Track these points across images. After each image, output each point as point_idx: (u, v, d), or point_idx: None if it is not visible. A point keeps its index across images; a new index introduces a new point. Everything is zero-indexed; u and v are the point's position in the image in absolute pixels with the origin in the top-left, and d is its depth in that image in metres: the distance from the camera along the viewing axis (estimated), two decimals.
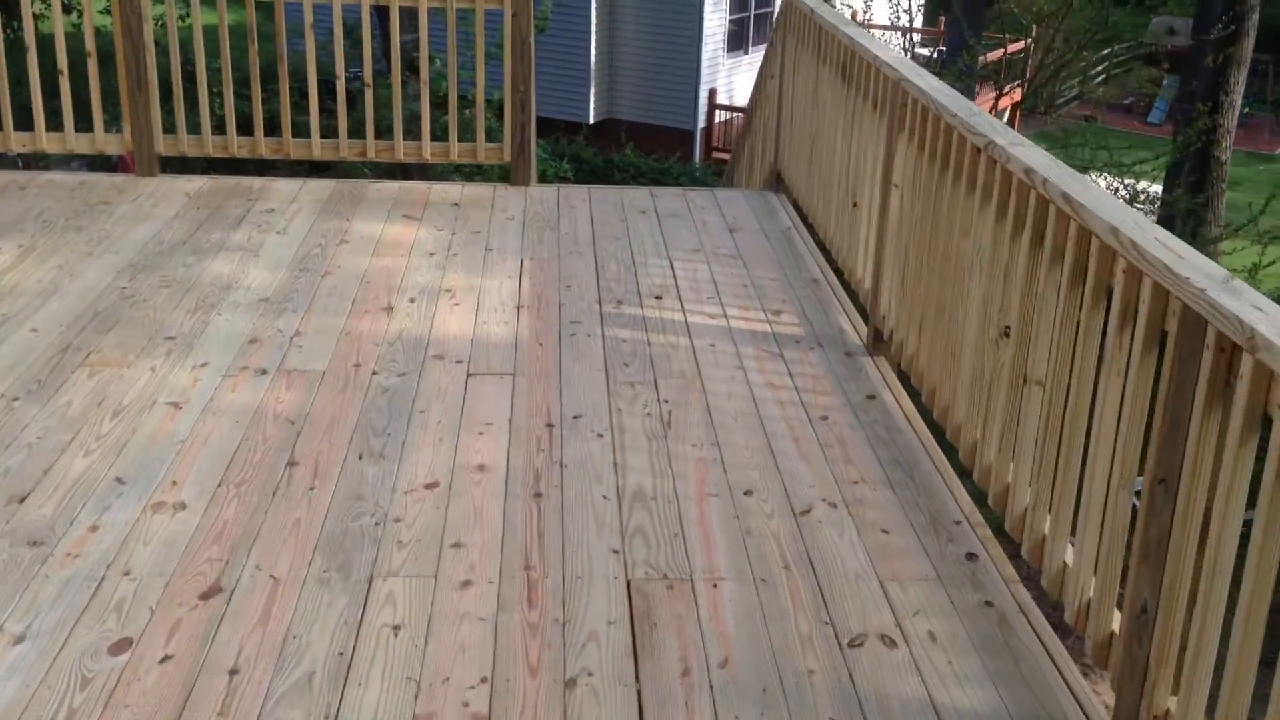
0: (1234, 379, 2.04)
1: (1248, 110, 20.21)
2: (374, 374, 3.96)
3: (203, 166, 7.70)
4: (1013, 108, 17.49)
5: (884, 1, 19.20)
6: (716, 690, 2.58)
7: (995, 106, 15.89)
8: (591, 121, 19.23)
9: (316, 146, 5.98)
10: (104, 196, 5.60)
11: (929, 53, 18.89)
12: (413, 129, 6.13)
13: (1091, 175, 11.15)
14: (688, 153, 18.99)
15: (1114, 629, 2.48)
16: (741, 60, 20.46)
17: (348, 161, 6.07)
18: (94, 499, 3.18)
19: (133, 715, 2.43)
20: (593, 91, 19.37)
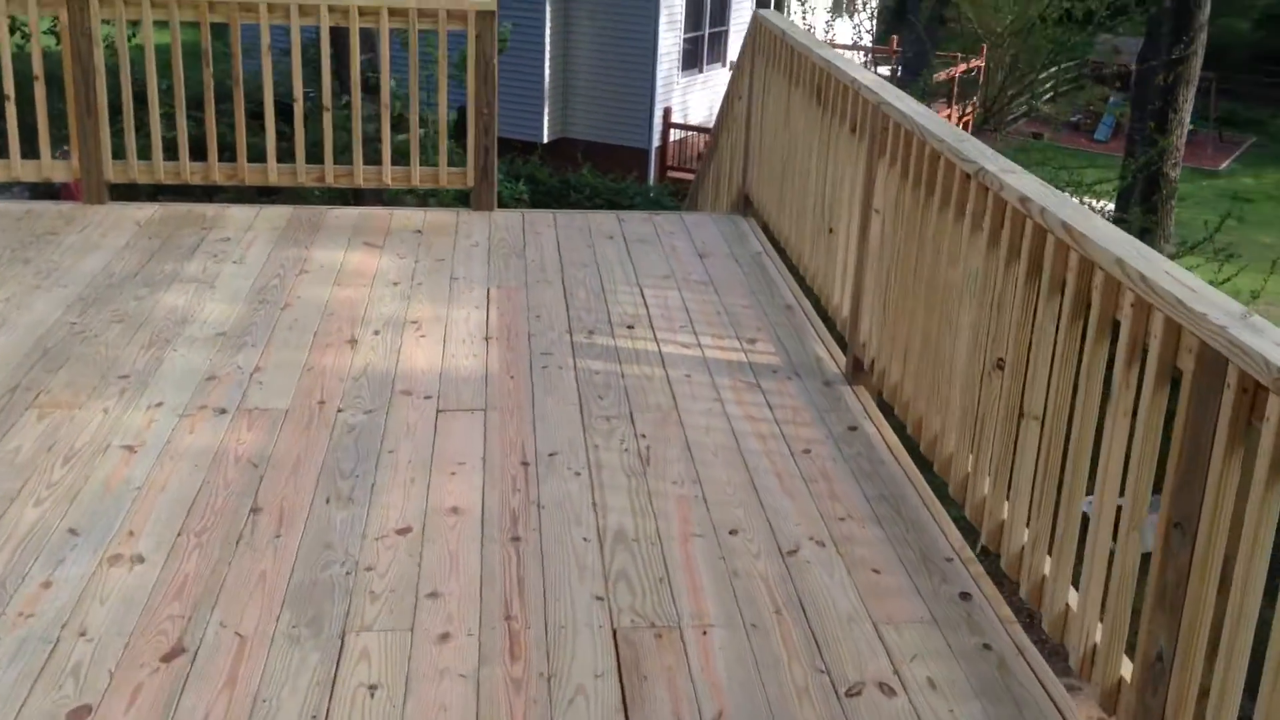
0: (1257, 420, 1.95)
1: (1192, 127, 20.48)
2: (339, 411, 3.81)
3: (150, 193, 7.47)
4: (961, 126, 17.59)
5: (836, 21, 19.26)
6: None
7: (956, 124, 15.97)
8: (545, 141, 19.10)
9: (273, 172, 5.81)
10: (51, 226, 5.40)
11: (887, 72, 18.98)
12: (372, 153, 5.98)
13: None
14: (643, 172, 18.90)
15: (1123, 675, 2.39)
16: (696, 79, 20.44)
17: (305, 188, 5.91)
18: (46, 552, 3.01)
19: None
20: (547, 111, 19.26)
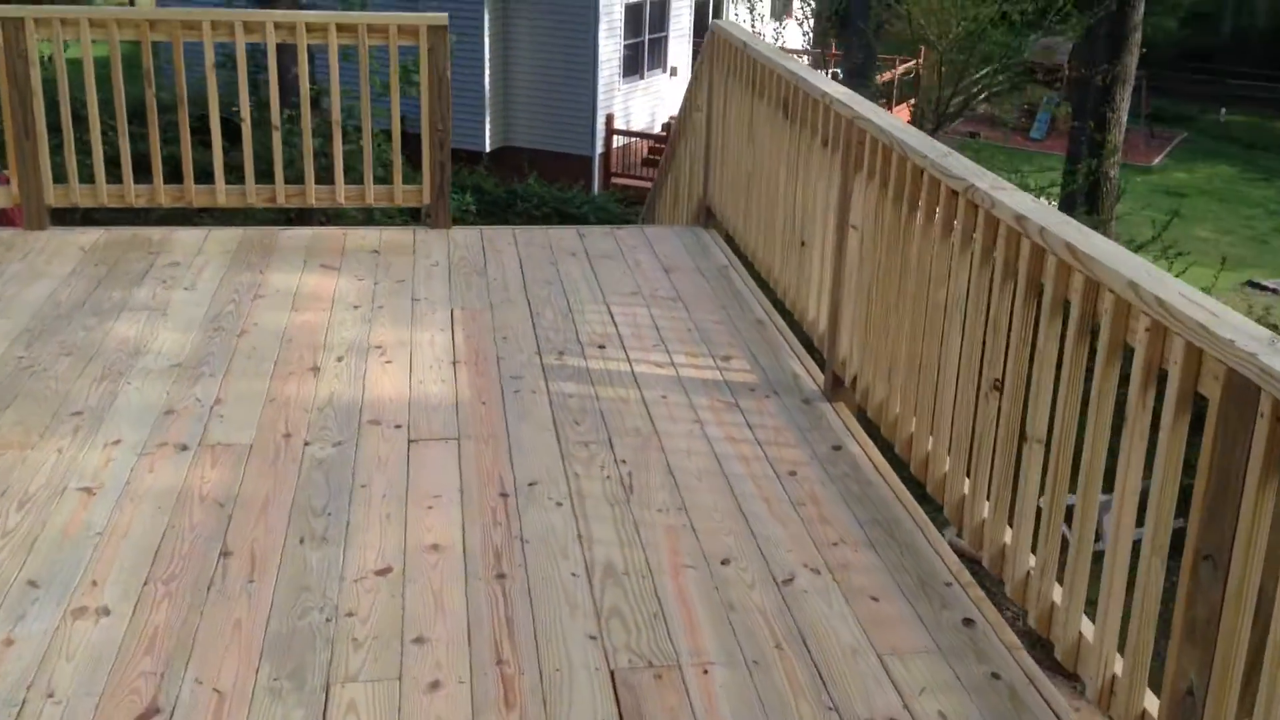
0: None
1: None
2: (306, 444, 3.67)
3: (80, 217, 7.20)
4: None
5: (784, 27, 19.26)
6: None
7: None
8: (488, 150, 18.94)
9: (221, 193, 5.63)
10: None
11: (829, 76, 19.00)
12: (321, 170, 5.82)
13: None
14: (587, 178, 18.81)
15: (1147, 709, 2.33)
16: (637, 85, 20.37)
17: (255, 208, 5.72)
18: (6, 607, 2.84)
19: None
20: (488, 120, 19.09)
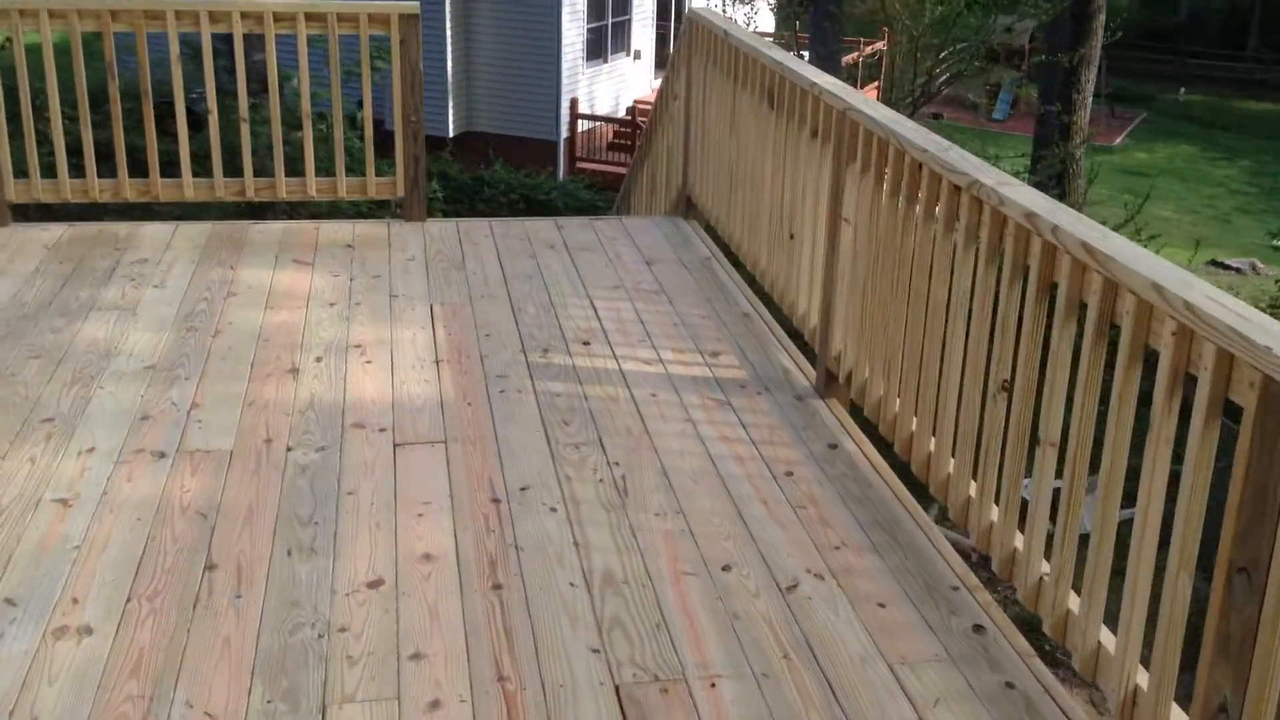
0: None
1: None
2: (289, 450, 3.56)
3: (40, 211, 6.98)
4: None
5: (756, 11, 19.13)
6: None
7: None
8: (451, 135, 18.74)
9: (188, 187, 5.48)
10: None
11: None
12: (286, 160, 5.67)
13: None
14: (552, 163, 18.66)
15: None
16: (601, 69, 20.21)
17: (224, 202, 5.58)
18: None
19: None
20: (451, 104, 18.88)
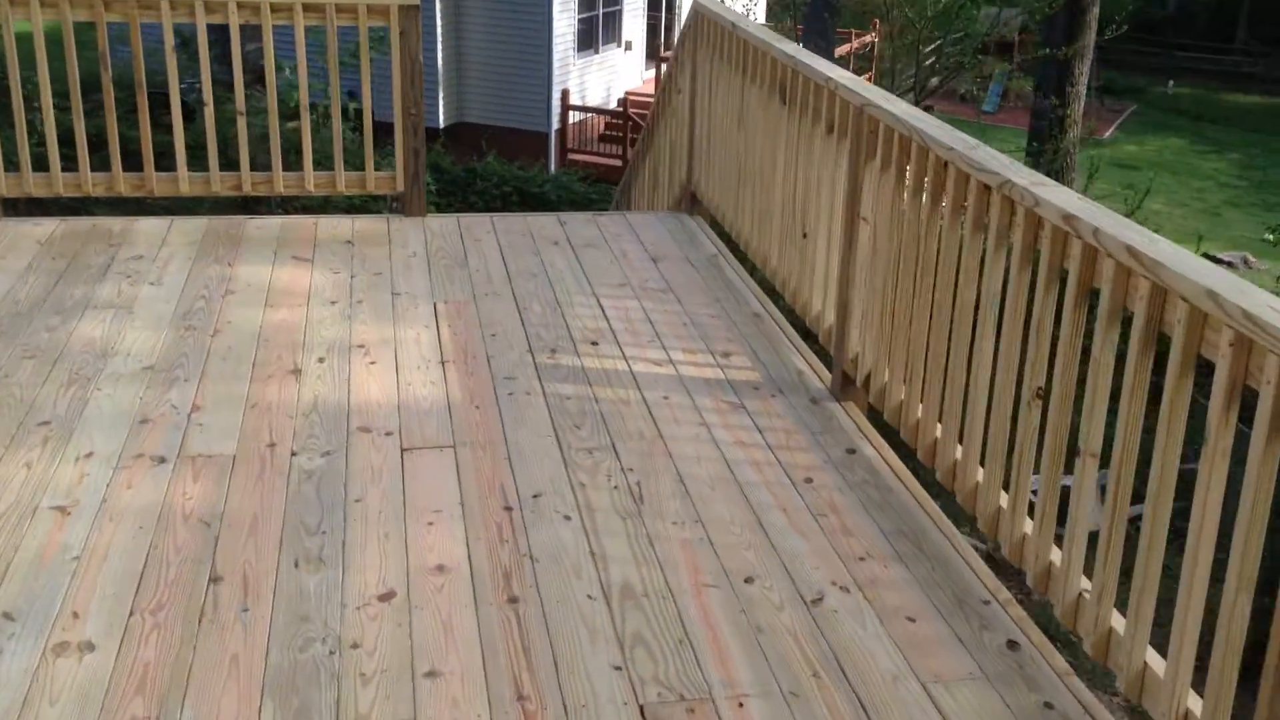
0: None
1: None
2: (293, 455, 3.45)
3: (30, 205, 6.85)
4: None
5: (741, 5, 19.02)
6: None
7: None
8: (442, 125, 18.59)
9: (184, 181, 5.36)
10: None
11: None
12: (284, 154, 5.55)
13: None
14: (544, 154, 18.53)
15: None
16: (592, 60, 20.07)
17: (220, 196, 5.45)
18: None
19: None
20: (441, 95, 18.72)
